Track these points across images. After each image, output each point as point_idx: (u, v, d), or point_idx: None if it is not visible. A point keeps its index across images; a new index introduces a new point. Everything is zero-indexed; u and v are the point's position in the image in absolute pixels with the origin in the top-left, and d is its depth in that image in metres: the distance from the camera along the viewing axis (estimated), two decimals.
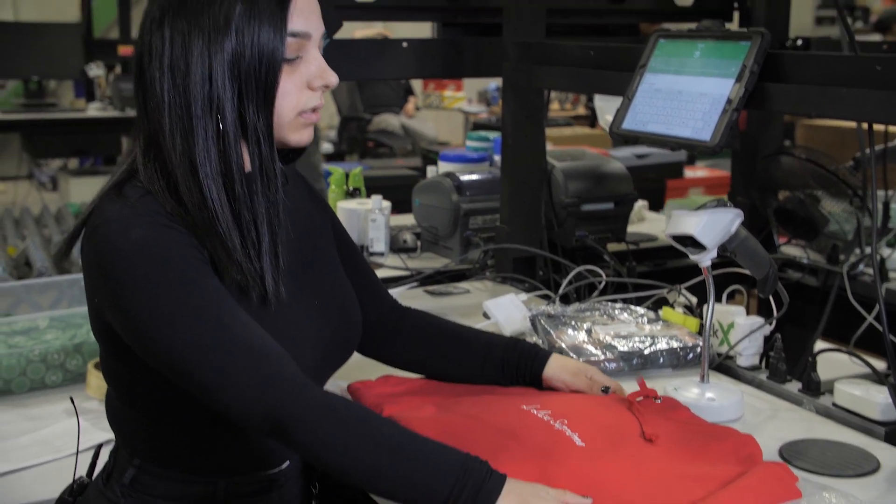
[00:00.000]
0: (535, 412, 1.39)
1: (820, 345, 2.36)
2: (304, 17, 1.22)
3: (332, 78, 1.25)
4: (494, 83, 8.19)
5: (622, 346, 1.73)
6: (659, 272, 2.55)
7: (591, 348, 1.72)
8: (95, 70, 6.63)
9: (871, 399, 1.50)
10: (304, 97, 1.24)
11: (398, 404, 1.47)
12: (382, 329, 1.54)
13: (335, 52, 2.18)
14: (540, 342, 1.77)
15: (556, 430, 1.34)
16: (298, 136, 1.26)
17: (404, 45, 2.33)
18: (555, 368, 1.52)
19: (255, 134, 1.20)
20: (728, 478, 1.24)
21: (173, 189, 1.19)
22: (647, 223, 3.10)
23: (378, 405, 1.47)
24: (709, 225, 1.47)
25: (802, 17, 9.11)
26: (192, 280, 1.15)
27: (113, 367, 1.28)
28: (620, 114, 1.76)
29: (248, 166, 1.22)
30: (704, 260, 1.51)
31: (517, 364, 1.53)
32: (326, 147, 7.12)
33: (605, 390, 1.49)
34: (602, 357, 1.70)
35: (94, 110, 6.32)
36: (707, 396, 1.53)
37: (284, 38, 1.19)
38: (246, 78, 1.18)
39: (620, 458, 1.29)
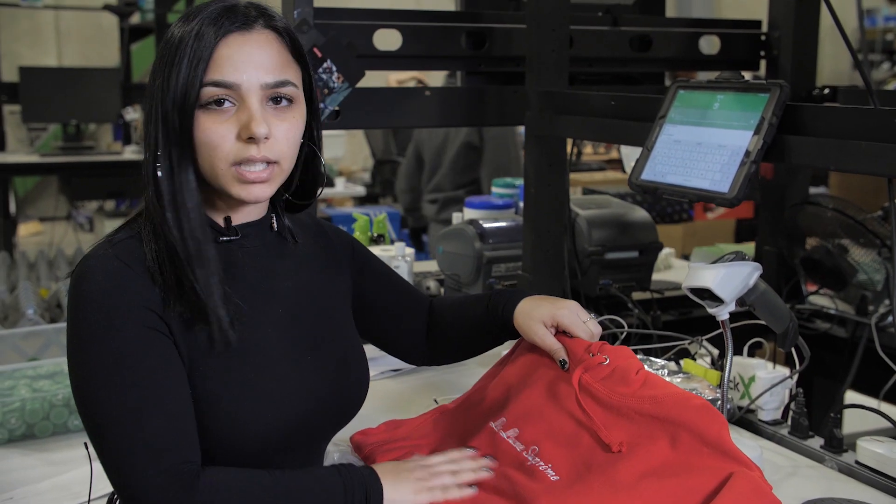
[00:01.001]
0: (505, 436, 1.39)
1: (849, 396, 2.33)
2: (233, 66, 1.22)
3: (256, 128, 1.21)
4: (522, 127, 8.20)
5: None
6: (684, 321, 2.53)
7: None
8: (132, 114, 6.73)
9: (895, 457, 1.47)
10: (234, 148, 1.23)
11: (391, 453, 1.47)
12: (429, 336, 1.58)
13: (358, 100, 2.21)
14: None
15: (530, 465, 1.33)
16: (238, 191, 1.25)
17: (427, 93, 2.34)
18: (520, 323, 1.48)
19: (181, 180, 1.22)
20: (706, 484, 1.20)
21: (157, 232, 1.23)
22: (675, 271, 3.08)
23: (370, 455, 1.49)
24: (726, 278, 1.46)
25: (840, 62, 9.07)
26: (129, 351, 1.17)
27: None
28: (640, 164, 1.75)
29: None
30: (722, 313, 1.50)
31: (496, 322, 1.52)
32: (359, 190, 7.14)
33: (563, 364, 1.42)
34: None
35: (130, 153, 6.40)
36: None
37: (197, 86, 1.20)
38: (170, 120, 1.21)
39: (594, 488, 1.26)
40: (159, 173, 1.21)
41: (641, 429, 1.29)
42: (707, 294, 1.49)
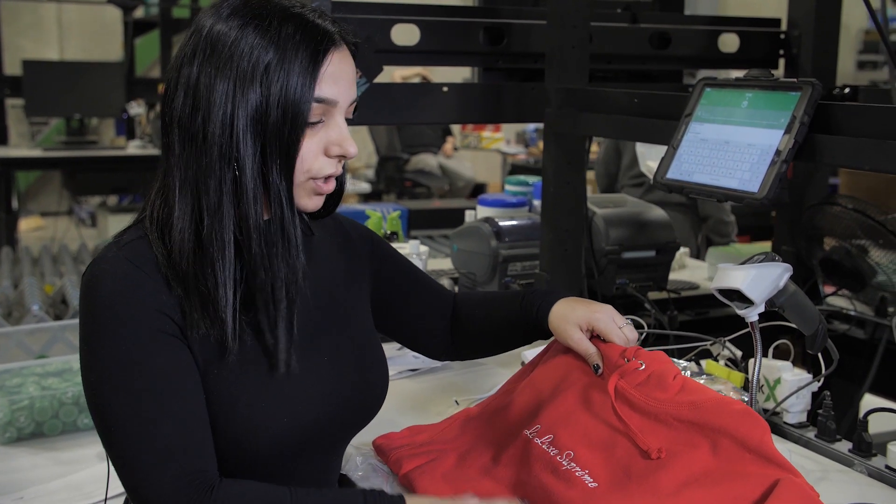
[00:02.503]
0: (539, 442, 1.35)
1: (868, 399, 2.31)
2: (335, 83, 1.19)
3: (351, 149, 1.22)
4: (533, 124, 8.20)
5: None
6: (701, 321, 2.50)
7: None
8: (136, 108, 6.71)
9: None
10: (319, 163, 1.21)
11: (417, 458, 1.43)
12: (453, 329, 1.56)
13: (375, 96, 2.19)
14: None
15: (565, 470, 1.29)
16: (305, 203, 1.23)
17: (444, 89, 2.31)
18: (555, 325, 1.46)
19: (278, 194, 1.18)
20: (751, 491, 1.17)
21: (168, 234, 1.18)
22: (689, 270, 3.06)
23: (398, 461, 1.45)
24: (757, 279, 1.44)
25: (844, 62, 9.06)
26: (141, 356, 1.14)
27: None
28: (665, 163, 1.72)
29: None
30: (752, 315, 1.47)
31: (529, 321, 1.49)
32: (364, 186, 7.12)
33: (597, 369, 1.40)
34: None
35: (133, 148, 6.38)
36: None
37: (311, 101, 1.17)
38: (269, 134, 1.16)
39: (635, 496, 1.23)
40: (249, 186, 1.16)
41: (681, 435, 1.26)
42: (736, 295, 1.46)
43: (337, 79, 1.20)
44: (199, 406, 1.17)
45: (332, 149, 1.22)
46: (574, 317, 1.44)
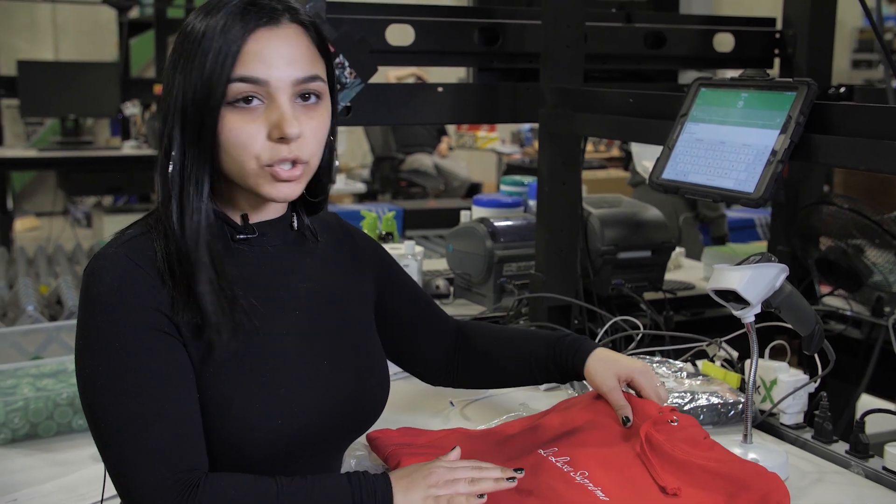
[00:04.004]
0: (554, 460, 1.35)
1: (864, 399, 2.31)
2: (262, 62, 1.18)
3: (289, 129, 1.18)
4: (528, 124, 8.20)
5: None
6: (697, 322, 2.50)
7: None
8: (131, 108, 6.69)
9: None
10: (266, 148, 1.19)
11: (417, 457, 1.43)
12: (453, 357, 1.56)
13: (370, 96, 2.18)
14: (575, 395, 1.73)
15: (577, 483, 1.30)
16: (269, 190, 1.21)
17: (439, 89, 2.31)
18: (594, 369, 1.49)
19: (197, 176, 1.19)
20: None
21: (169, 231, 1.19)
22: (685, 270, 3.05)
23: (395, 455, 1.44)
24: (753, 280, 1.43)
25: (839, 60, 9.06)
26: (135, 356, 1.14)
27: None
28: (661, 163, 1.72)
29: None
30: (748, 316, 1.47)
31: (559, 363, 1.52)
32: (359, 186, 7.12)
33: (626, 421, 1.43)
34: None
35: (129, 148, 6.37)
36: (750, 457, 1.48)
37: (224, 82, 1.16)
38: (191, 117, 1.17)
39: None
40: (170, 170, 1.18)
41: (701, 481, 1.29)
42: (732, 296, 1.46)
43: (265, 58, 1.18)
44: (191, 405, 1.17)
45: (272, 132, 1.19)
46: (616, 367, 1.49)
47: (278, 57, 1.19)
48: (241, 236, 1.27)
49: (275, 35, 1.19)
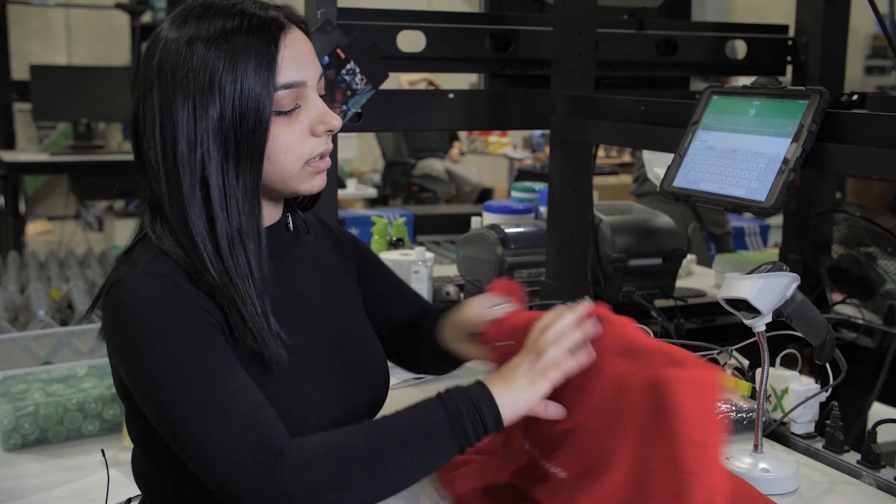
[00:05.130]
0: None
1: (876, 408, 2.29)
2: (297, 64, 1.19)
3: (334, 121, 1.22)
4: (539, 130, 8.19)
5: None
6: (708, 329, 2.49)
7: None
8: None
9: None
10: (309, 146, 1.21)
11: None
12: (413, 333, 1.51)
13: (381, 103, 2.18)
14: None
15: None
16: (309, 185, 1.24)
17: (451, 95, 2.31)
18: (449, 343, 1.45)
19: (245, 194, 1.17)
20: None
21: (184, 247, 1.17)
22: (696, 278, 3.04)
23: None
24: (764, 289, 1.42)
25: (852, 67, 9.03)
26: (196, 346, 1.12)
27: (136, 426, 1.25)
28: (672, 171, 1.71)
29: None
30: (759, 325, 1.46)
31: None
32: (370, 191, 7.12)
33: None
34: None
35: None
36: (761, 467, 1.48)
37: (272, 93, 1.16)
38: (235, 137, 1.15)
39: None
40: (215, 203, 1.16)
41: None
42: (743, 305, 1.45)
43: (298, 60, 1.19)
44: (252, 383, 1.15)
45: (317, 127, 1.21)
46: (455, 333, 1.42)
47: (303, 56, 1.21)
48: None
49: (294, 38, 1.21)
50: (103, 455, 1.50)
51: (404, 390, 1.93)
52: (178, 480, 1.23)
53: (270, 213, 1.28)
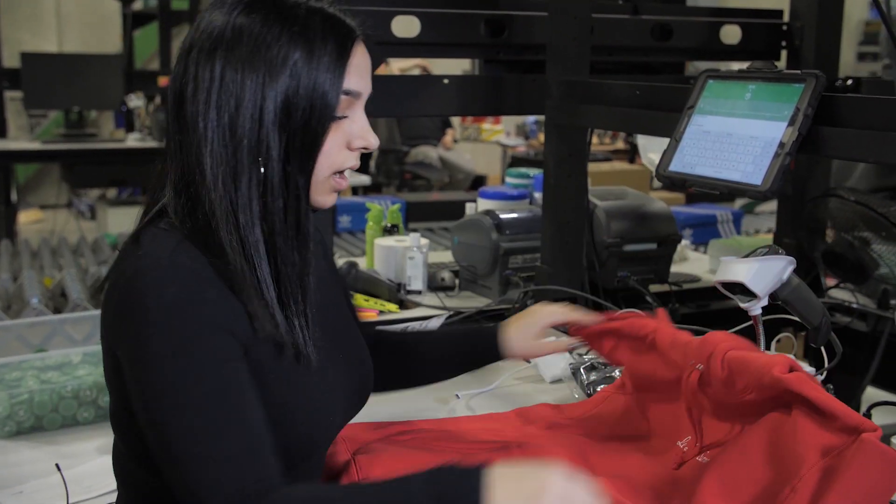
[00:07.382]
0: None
1: (869, 392, 2.30)
2: (359, 75, 1.18)
3: (373, 139, 1.21)
4: (533, 116, 8.19)
5: None
6: (703, 314, 2.50)
7: None
8: (135, 101, 6.69)
9: None
10: (342, 157, 1.19)
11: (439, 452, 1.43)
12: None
13: (375, 89, 2.16)
14: (582, 392, 1.73)
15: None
16: (324, 199, 1.21)
17: (445, 81, 2.30)
18: (515, 345, 1.51)
19: (296, 189, 1.15)
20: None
21: (211, 231, 1.13)
22: (690, 263, 3.05)
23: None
24: (760, 272, 1.43)
25: (845, 53, 9.03)
26: (209, 367, 1.08)
27: (121, 419, 1.21)
28: (667, 156, 1.71)
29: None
30: (755, 308, 1.47)
31: (474, 351, 1.54)
32: (363, 179, 7.11)
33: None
34: None
35: (133, 141, 6.36)
36: None
37: (339, 94, 1.15)
38: (295, 128, 1.13)
39: None
40: (274, 189, 1.13)
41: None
42: (739, 288, 1.45)
43: (361, 71, 1.18)
44: (261, 413, 1.11)
45: (354, 141, 1.20)
46: (527, 320, 1.52)
47: (365, 69, 1.20)
48: None
49: (363, 50, 1.20)
50: (58, 469, 1.54)
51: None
52: (160, 482, 1.15)
53: None
